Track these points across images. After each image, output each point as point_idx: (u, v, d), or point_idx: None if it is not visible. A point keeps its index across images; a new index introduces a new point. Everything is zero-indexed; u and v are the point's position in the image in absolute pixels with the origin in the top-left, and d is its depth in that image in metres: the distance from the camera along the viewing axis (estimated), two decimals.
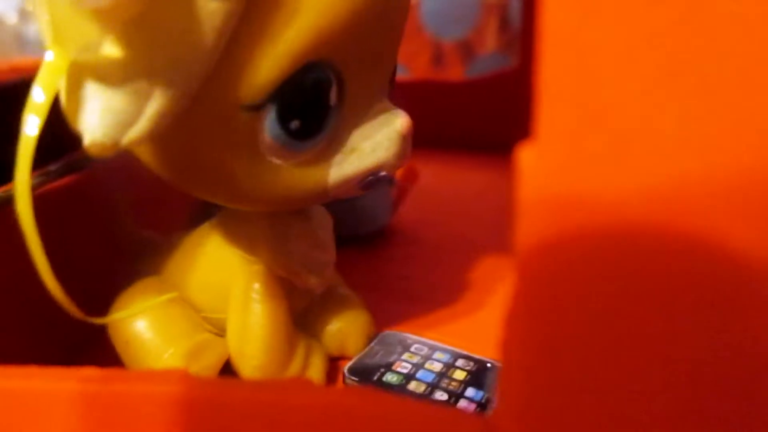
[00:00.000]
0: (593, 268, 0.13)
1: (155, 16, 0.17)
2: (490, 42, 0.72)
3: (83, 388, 0.19)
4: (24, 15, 0.89)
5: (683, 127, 0.12)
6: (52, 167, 0.31)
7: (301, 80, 0.21)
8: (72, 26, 0.17)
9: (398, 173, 0.46)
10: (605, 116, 0.12)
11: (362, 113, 0.24)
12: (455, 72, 0.74)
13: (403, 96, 0.26)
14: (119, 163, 0.24)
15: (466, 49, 0.74)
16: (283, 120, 0.21)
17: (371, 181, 0.24)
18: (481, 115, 0.66)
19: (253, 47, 0.20)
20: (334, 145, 0.23)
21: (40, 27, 0.18)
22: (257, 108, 0.21)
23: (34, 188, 0.29)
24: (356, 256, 0.43)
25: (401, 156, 0.24)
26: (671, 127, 0.12)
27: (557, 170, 0.13)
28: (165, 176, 0.23)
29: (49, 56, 0.18)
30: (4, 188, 0.27)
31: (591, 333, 0.13)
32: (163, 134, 0.20)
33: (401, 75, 0.81)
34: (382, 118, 0.24)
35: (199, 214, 0.30)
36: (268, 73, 0.20)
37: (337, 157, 0.23)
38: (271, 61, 0.20)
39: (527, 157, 0.13)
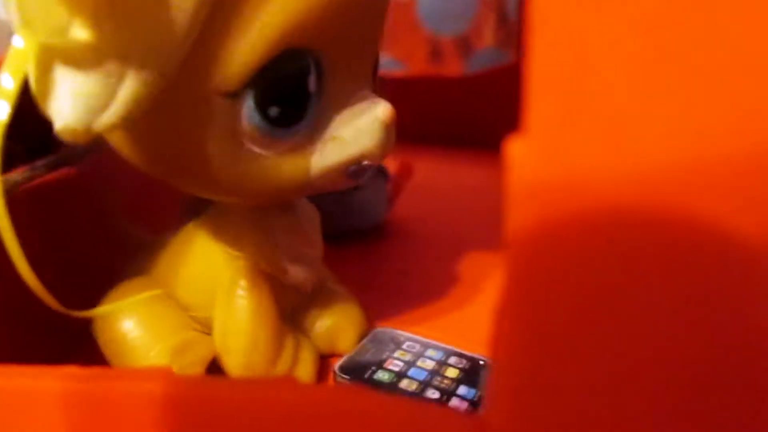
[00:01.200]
0: (584, 260, 0.13)
1: None
2: (488, 37, 0.72)
3: (66, 386, 0.19)
4: None
5: (672, 114, 0.12)
6: (40, 162, 0.30)
7: (278, 67, 0.21)
8: (40, 9, 0.17)
9: (393, 169, 0.46)
10: (594, 105, 0.12)
11: (344, 102, 0.23)
12: (453, 68, 0.74)
13: (401, 92, 0.26)
14: (109, 159, 0.24)
15: (464, 45, 0.73)
16: (261, 107, 0.21)
17: (355, 170, 0.24)
18: (479, 110, 0.66)
19: (229, 33, 0.19)
20: (316, 134, 0.23)
21: (8, 11, 0.18)
22: (234, 95, 0.21)
23: (22, 183, 0.29)
24: (351, 252, 0.42)
25: (384, 145, 0.24)
26: (660, 114, 0.12)
27: (546, 160, 0.12)
28: (145, 167, 0.23)
29: (18, 42, 0.17)
30: None
31: (582, 327, 0.13)
32: (140, 122, 0.19)
33: (399, 71, 0.81)
34: (363, 107, 0.24)
35: (189, 211, 0.30)
36: (244, 59, 0.20)
37: (319, 146, 0.23)
38: (247, 47, 0.20)
39: (516, 148, 0.13)
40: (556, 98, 0.12)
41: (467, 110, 0.67)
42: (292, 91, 0.22)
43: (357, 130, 0.23)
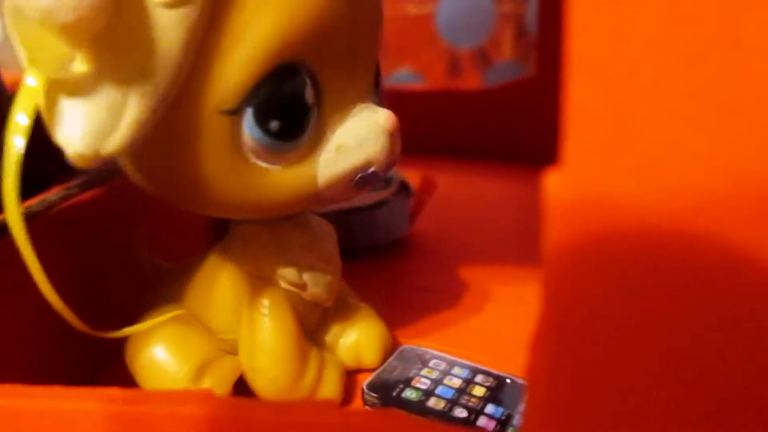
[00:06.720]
0: (622, 285, 0.13)
1: (119, 29, 0.18)
2: (506, 51, 0.72)
3: (107, 408, 0.19)
4: None
5: (710, 144, 0.12)
6: (75, 182, 0.31)
7: (273, 82, 0.21)
8: (43, 47, 0.18)
9: (416, 184, 0.46)
10: (632, 136, 0.12)
11: (345, 112, 0.24)
12: (472, 81, 0.74)
13: (421, 105, 0.26)
14: (135, 190, 0.25)
15: (483, 58, 0.74)
16: (261, 122, 0.22)
17: (362, 178, 0.24)
18: (497, 123, 0.66)
19: (222, 53, 0.20)
20: (319, 144, 0.24)
21: (16, 52, 0.19)
22: (234, 112, 0.21)
23: (58, 203, 0.29)
24: (373, 267, 0.43)
25: (389, 151, 0.24)
26: (698, 145, 0.12)
27: (582, 188, 0.13)
28: (156, 190, 0.24)
29: (29, 80, 0.19)
30: (28, 203, 0.28)
31: (620, 350, 0.13)
32: (146, 144, 0.20)
33: (418, 84, 0.81)
34: (364, 115, 0.24)
35: (214, 235, 0.30)
36: (238, 78, 0.21)
37: (324, 156, 0.24)
38: (240, 65, 0.20)
39: (554, 181, 0.13)
40: (593, 131, 0.12)
41: (487, 123, 0.67)
42: (290, 104, 0.22)
43: (359, 137, 0.24)
